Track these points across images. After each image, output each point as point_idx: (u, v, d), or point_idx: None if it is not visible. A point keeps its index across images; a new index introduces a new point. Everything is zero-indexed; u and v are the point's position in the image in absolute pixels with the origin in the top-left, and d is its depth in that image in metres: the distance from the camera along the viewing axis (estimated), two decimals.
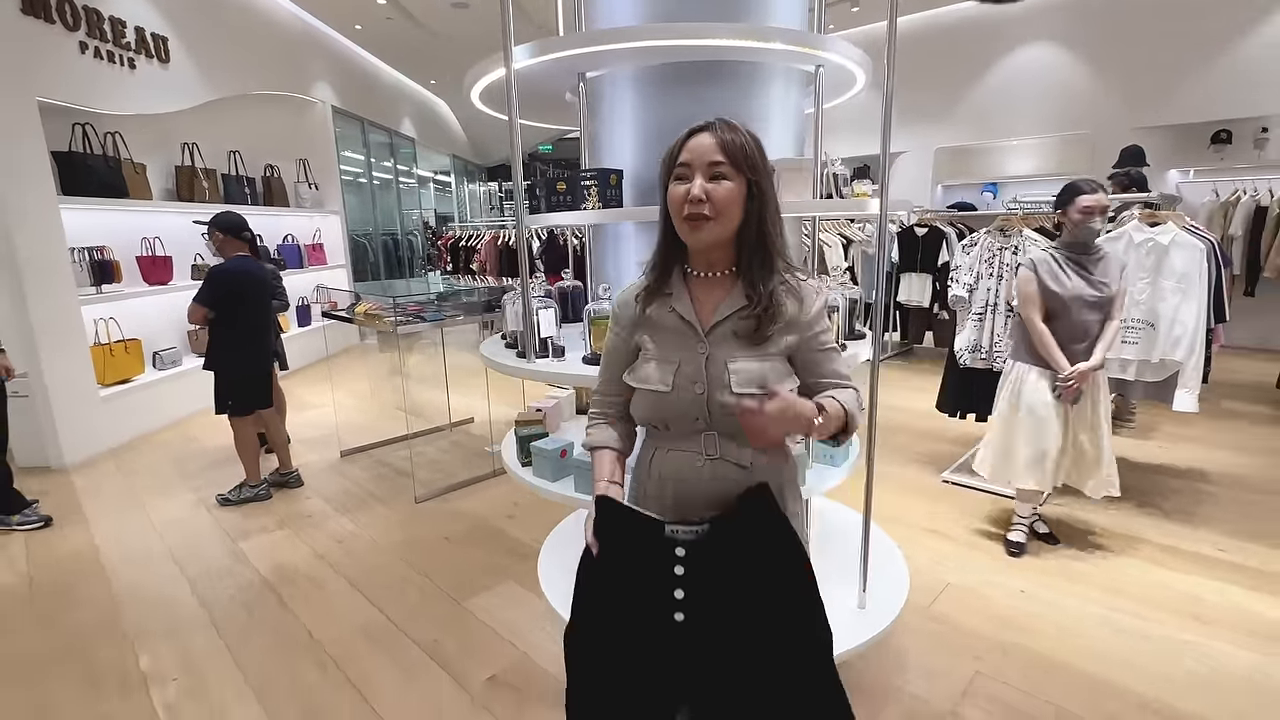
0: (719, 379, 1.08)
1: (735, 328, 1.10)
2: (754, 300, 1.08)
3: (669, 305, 1.14)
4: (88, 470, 4.04)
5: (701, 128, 1.06)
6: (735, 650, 1.08)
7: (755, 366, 1.08)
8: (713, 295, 1.13)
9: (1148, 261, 2.80)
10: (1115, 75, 6.57)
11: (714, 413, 1.09)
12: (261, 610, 2.49)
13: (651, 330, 1.16)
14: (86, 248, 4.51)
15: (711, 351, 1.10)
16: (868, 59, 1.74)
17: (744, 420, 0.98)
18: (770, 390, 0.98)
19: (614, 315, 1.23)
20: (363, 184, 8.91)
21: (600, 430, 1.26)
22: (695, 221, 1.04)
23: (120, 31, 4.66)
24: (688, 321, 1.12)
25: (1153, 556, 2.64)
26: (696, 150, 1.04)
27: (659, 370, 1.11)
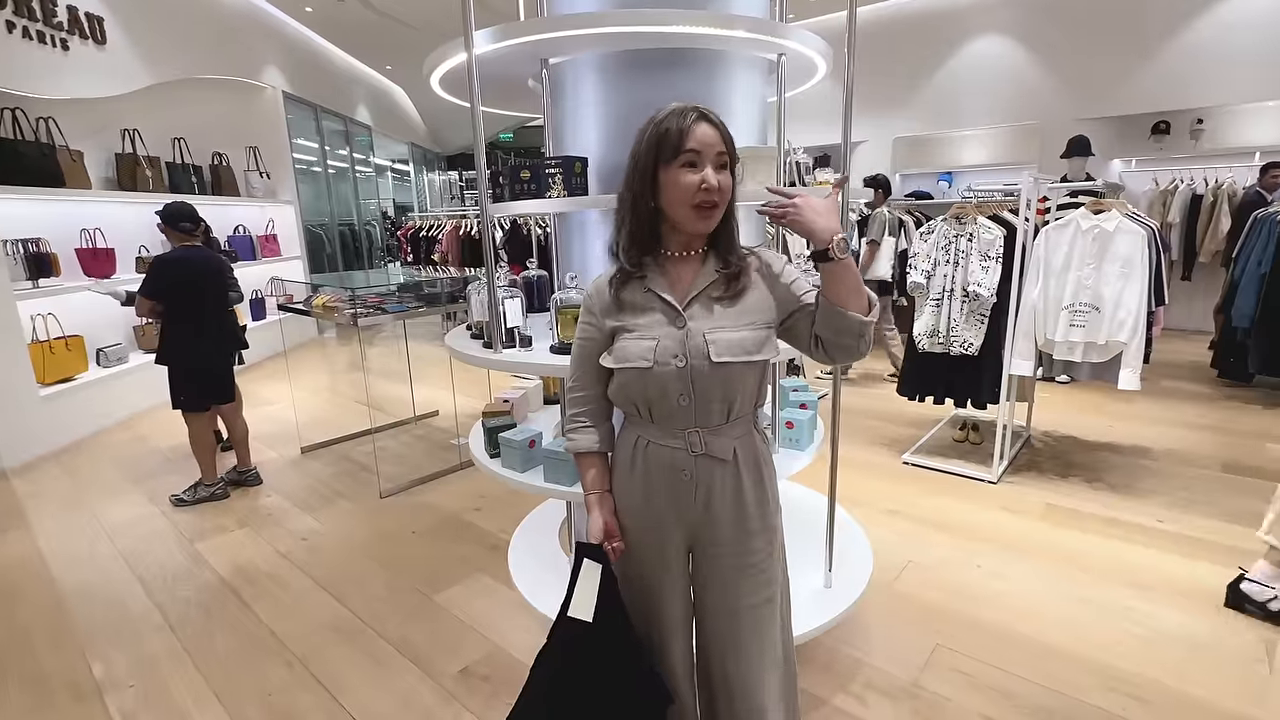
0: (699, 349, 1.11)
1: (711, 296, 1.14)
2: (728, 266, 1.14)
3: (644, 286, 1.16)
4: (28, 474, 3.85)
5: (700, 116, 1.08)
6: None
7: (734, 335, 1.12)
8: (685, 273, 1.17)
9: (1093, 248, 2.92)
10: (1063, 68, 6.78)
11: (697, 385, 1.12)
12: (221, 611, 2.42)
13: (628, 312, 1.17)
14: (21, 240, 4.28)
15: (690, 325, 1.13)
16: (829, 48, 1.76)
17: (788, 220, 1.07)
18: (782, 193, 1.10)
19: (585, 306, 1.24)
20: (317, 173, 8.64)
21: (583, 435, 1.25)
22: (708, 210, 1.09)
23: (51, 10, 4.41)
24: (664, 299, 1.14)
25: (1099, 529, 2.77)
26: (705, 140, 1.07)
27: (639, 347, 1.13)
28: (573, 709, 1.18)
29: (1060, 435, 3.86)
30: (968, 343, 3.25)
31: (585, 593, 1.18)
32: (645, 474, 1.20)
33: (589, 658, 1.17)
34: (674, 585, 1.26)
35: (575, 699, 1.18)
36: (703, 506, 1.19)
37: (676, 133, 1.06)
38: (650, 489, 1.20)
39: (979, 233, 3.15)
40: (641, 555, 1.24)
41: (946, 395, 3.45)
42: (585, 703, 1.18)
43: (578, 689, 1.18)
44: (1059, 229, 2.99)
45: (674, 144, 1.06)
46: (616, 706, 1.18)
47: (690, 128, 1.06)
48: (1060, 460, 3.50)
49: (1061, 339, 3.03)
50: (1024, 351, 3.10)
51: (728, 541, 1.21)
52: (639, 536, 1.23)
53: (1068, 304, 3.01)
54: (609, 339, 1.19)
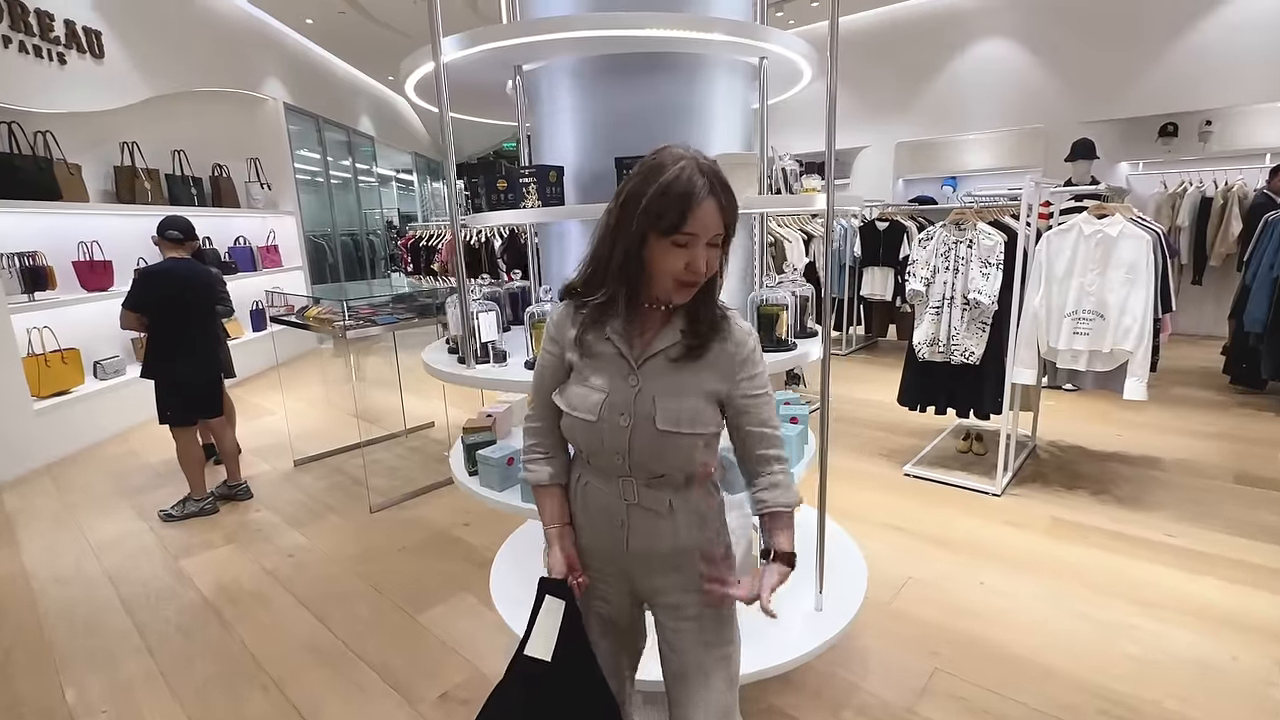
0: (646, 412, 1.05)
1: (670, 356, 1.07)
2: (695, 329, 1.07)
3: (605, 333, 1.10)
4: (20, 488, 3.83)
5: (706, 193, 0.99)
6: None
7: (684, 405, 1.05)
8: (650, 325, 1.10)
9: (1097, 254, 2.83)
10: (1067, 70, 6.70)
11: (635, 448, 1.06)
12: (202, 633, 2.37)
13: (587, 355, 1.11)
14: (16, 253, 4.28)
15: (643, 385, 1.07)
16: (814, 51, 1.70)
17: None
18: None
19: (548, 334, 1.18)
20: (320, 183, 8.66)
21: (539, 467, 1.20)
22: (688, 287, 1.03)
23: (48, 25, 4.42)
24: (621, 352, 1.08)
25: (1104, 544, 2.68)
26: (704, 222, 0.98)
27: (588, 400, 1.08)
28: None
29: (1067, 445, 3.76)
30: (969, 351, 3.17)
31: (545, 630, 1.12)
32: (585, 511, 1.17)
33: (549, 697, 1.11)
34: (618, 628, 1.22)
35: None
36: (638, 557, 1.15)
37: (677, 213, 0.97)
38: (591, 527, 1.17)
39: (979, 239, 3.08)
40: (589, 590, 1.20)
41: (948, 405, 3.37)
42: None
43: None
44: (1061, 234, 2.91)
45: (672, 221, 0.98)
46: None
47: (693, 208, 0.97)
48: (1066, 471, 3.40)
49: (1065, 347, 2.95)
50: (1026, 360, 3.01)
51: (669, 592, 1.15)
52: (586, 571, 1.19)
53: (1070, 311, 2.92)
54: (567, 372, 1.14)
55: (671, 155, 1.00)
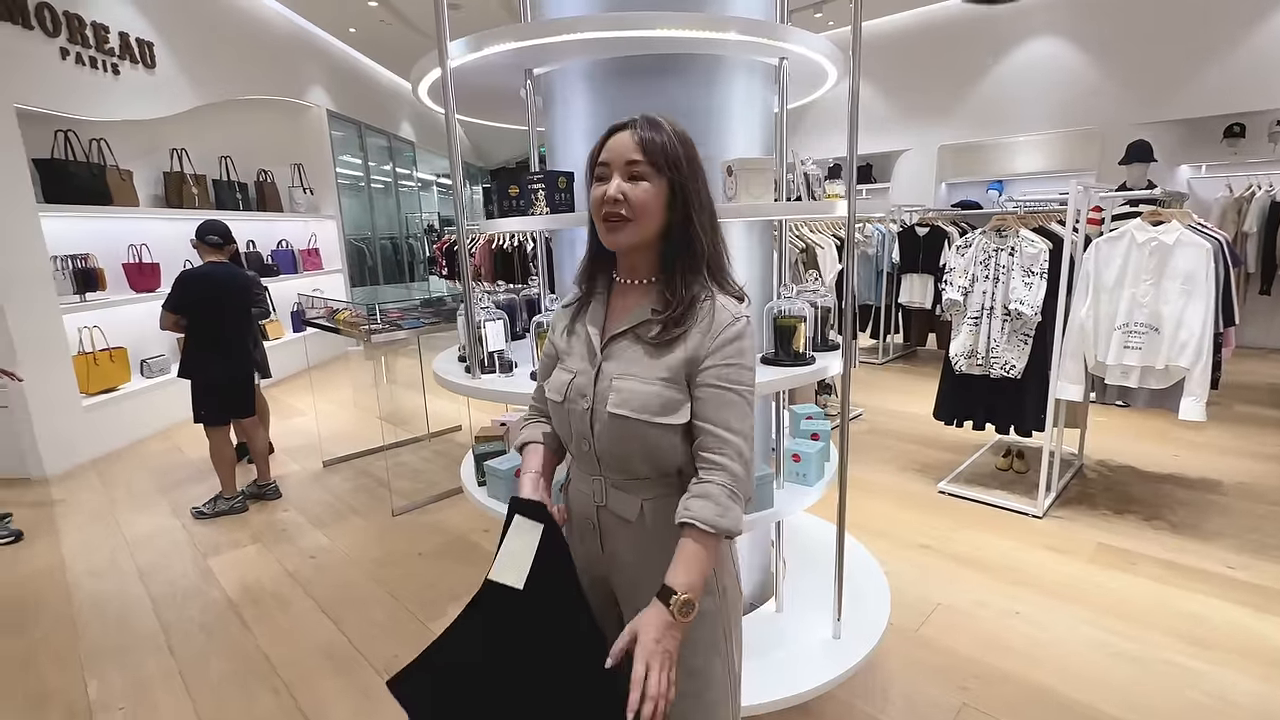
0: (603, 395, 0.99)
1: (639, 335, 1.00)
2: (667, 305, 0.98)
3: (586, 316, 1.08)
4: (67, 482, 3.98)
5: (622, 125, 0.99)
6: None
7: (640, 389, 0.97)
8: (626, 304, 1.05)
9: (1150, 263, 2.65)
10: (1122, 69, 6.38)
11: (596, 435, 1.00)
12: (222, 632, 2.40)
13: (570, 339, 1.10)
14: (69, 256, 4.47)
15: (603, 365, 1.02)
16: (836, 51, 1.62)
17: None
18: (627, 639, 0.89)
19: (551, 323, 1.19)
20: (361, 188, 8.86)
21: (531, 428, 1.18)
22: (612, 222, 0.97)
23: (103, 37, 4.61)
24: (589, 331, 1.05)
25: (1154, 574, 2.50)
26: (615, 149, 0.97)
27: (558, 379, 1.06)
28: (505, 670, 1.02)
29: (1117, 465, 3.54)
30: (1009, 364, 3.01)
31: (517, 555, 0.99)
32: (570, 515, 1.11)
33: (520, 630, 1.00)
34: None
35: (507, 662, 1.02)
36: (608, 565, 1.08)
37: (594, 149, 1.00)
38: (572, 533, 1.12)
39: (1021, 246, 2.92)
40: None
41: (987, 421, 3.21)
42: (520, 666, 1.01)
43: (508, 654, 1.02)
44: (1111, 242, 2.73)
45: (592, 159, 1.00)
46: (556, 671, 0.99)
47: (605, 139, 0.99)
48: (1115, 494, 3.20)
49: (1115, 362, 2.77)
50: (1072, 374, 2.84)
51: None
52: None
53: (1121, 324, 2.74)
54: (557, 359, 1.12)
55: None
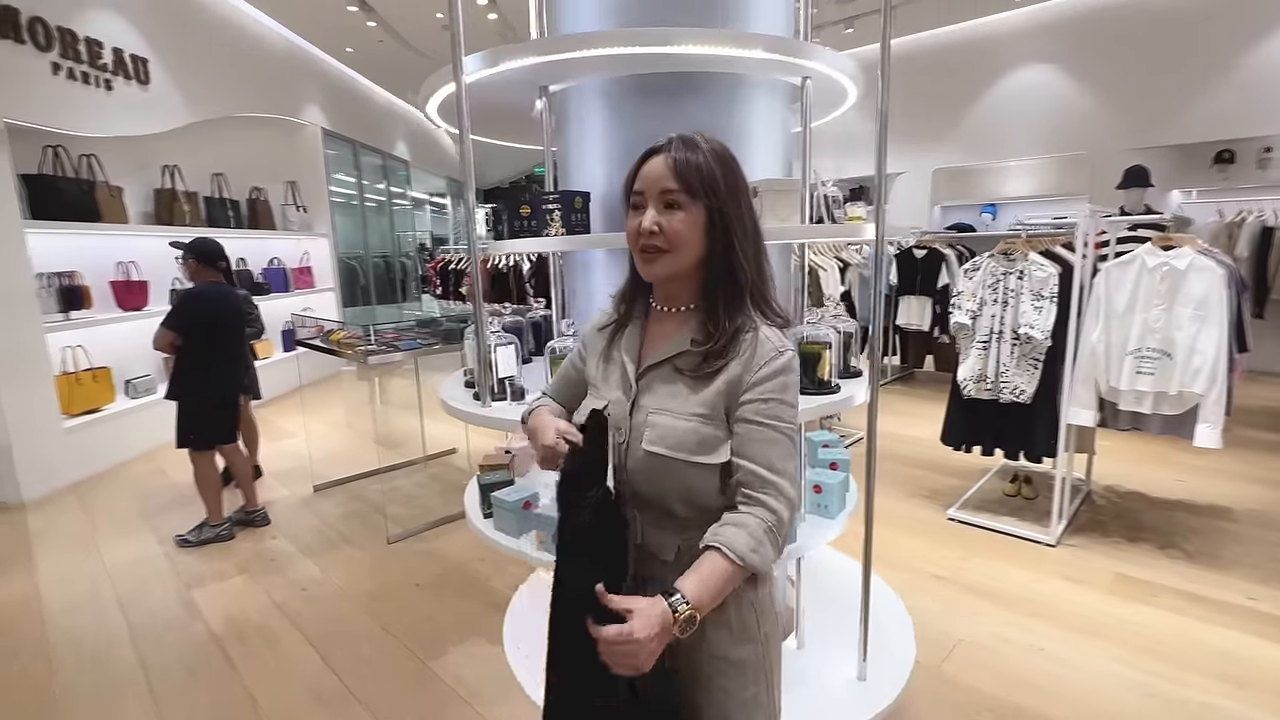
0: (638, 430, 0.93)
1: (678, 366, 0.94)
2: (709, 337, 0.92)
3: (622, 342, 1.02)
4: (45, 507, 3.83)
5: (656, 149, 0.93)
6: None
7: (677, 425, 0.91)
8: (664, 331, 0.99)
9: (1162, 287, 2.63)
10: (1112, 96, 6.47)
11: (632, 470, 0.94)
12: (205, 670, 2.27)
13: (605, 367, 1.04)
14: (55, 273, 4.35)
15: (639, 398, 0.96)
16: (859, 70, 1.59)
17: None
18: (626, 606, 0.82)
19: (582, 339, 1.13)
20: (354, 206, 8.79)
21: (538, 402, 1.17)
22: (648, 254, 0.92)
23: (97, 53, 4.55)
24: (625, 360, 0.99)
25: (1177, 606, 2.43)
26: (649, 177, 0.92)
27: (588, 408, 1.00)
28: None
29: (1125, 491, 3.50)
30: (1019, 389, 2.96)
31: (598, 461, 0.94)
32: None
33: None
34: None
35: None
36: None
37: (630, 173, 0.95)
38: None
39: (1030, 270, 2.90)
40: None
41: (996, 446, 3.15)
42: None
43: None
44: (1122, 266, 2.71)
45: (627, 185, 0.96)
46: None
47: (639, 165, 0.94)
48: (1126, 520, 3.14)
49: (1127, 387, 2.73)
50: (1084, 400, 2.80)
51: (680, 657, 0.95)
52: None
53: (1133, 349, 2.71)
54: (584, 384, 1.09)
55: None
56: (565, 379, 1.15)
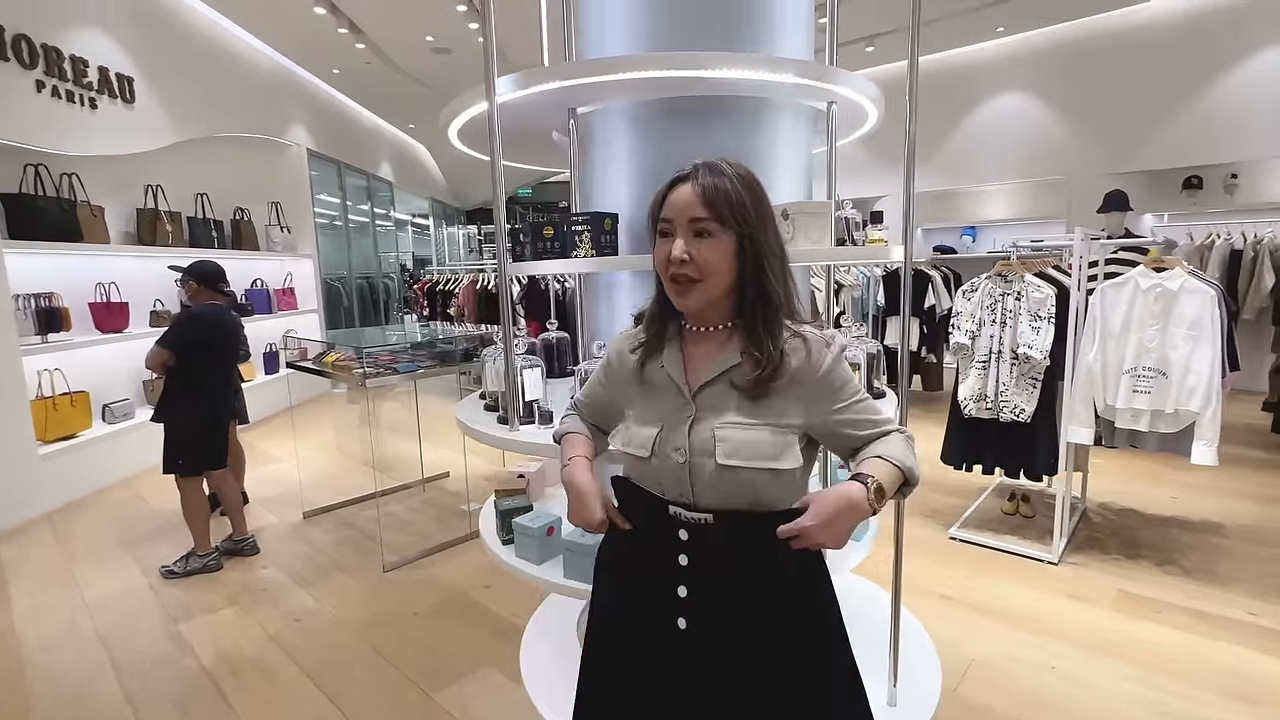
0: (704, 446, 0.93)
1: (730, 384, 0.95)
2: (757, 361, 0.93)
3: (660, 362, 1.02)
4: (19, 538, 3.66)
5: (683, 177, 0.94)
6: (738, 683, 0.96)
7: (750, 435, 0.92)
8: (706, 350, 0.99)
9: (1156, 308, 2.70)
10: (1088, 123, 6.71)
11: (698, 487, 0.94)
12: (198, 707, 2.17)
13: (643, 389, 1.03)
14: (33, 294, 4.22)
15: (698, 415, 0.96)
16: (881, 95, 1.62)
17: (798, 545, 0.91)
18: (802, 503, 0.92)
19: (607, 359, 1.12)
20: (338, 227, 8.71)
21: (571, 420, 1.19)
22: (679, 284, 0.93)
23: (82, 71, 4.47)
24: (674, 380, 0.99)
25: (1181, 622, 2.45)
26: (677, 205, 0.93)
27: (641, 435, 0.99)
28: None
29: (1119, 508, 3.55)
30: (1018, 408, 3.01)
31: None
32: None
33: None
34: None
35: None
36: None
37: (656, 198, 0.97)
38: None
39: (1028, 291, 2.96)
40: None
41: (996, 464, 3.18)
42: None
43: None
44: (1116, 288, 2.78)
45: (653, 212, 0.97)
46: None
47: (670, 192, 0.94)
48: (1124, 538, 3.18)
49: (1124, 406, 2.78)
50: (1082, 418, 2.85)
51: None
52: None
53: (1129, 368, 2.77)
54: (611, 405, 1.12)
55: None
56: (596, 398, 1.16)
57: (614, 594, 1.09)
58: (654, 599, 1.00)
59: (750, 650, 0.96)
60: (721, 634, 0.96)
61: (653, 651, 1.00)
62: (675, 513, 0.96)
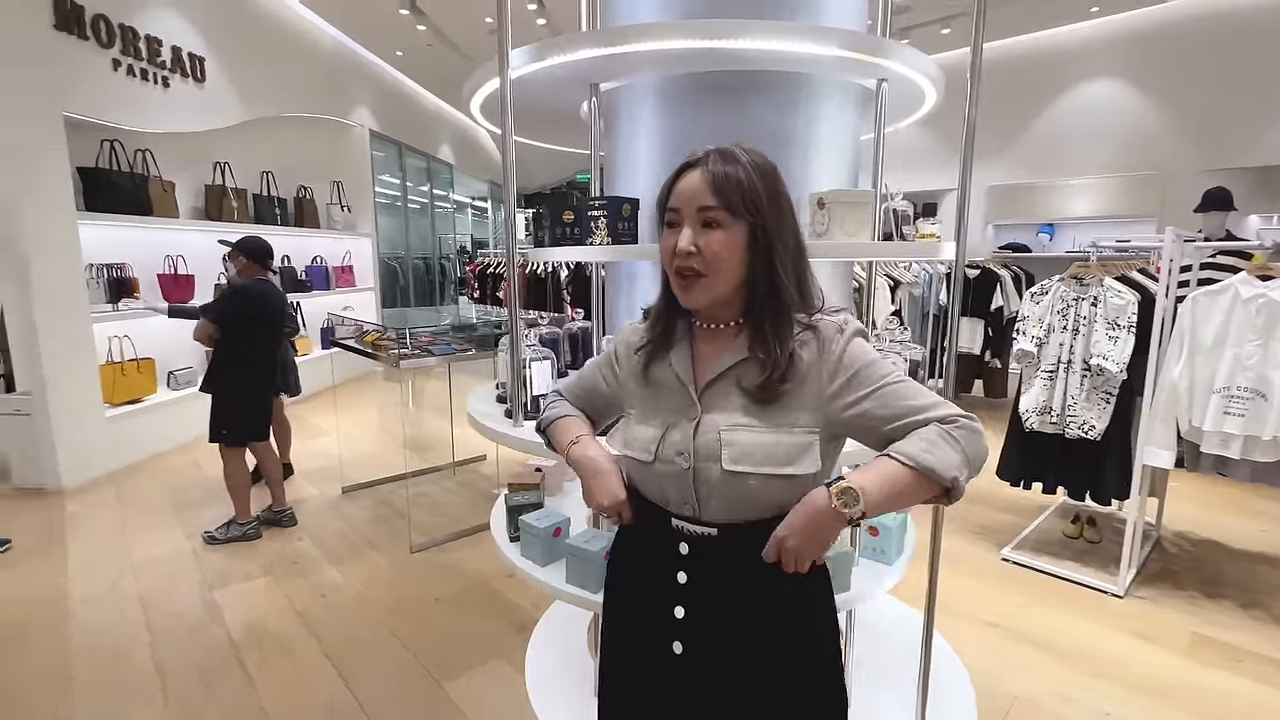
0: (709, 450, 0.85)
1: (737, 383, 0.87)
2: (763, 364, 0.85)
3: (668, 360, 0.94)
4: (83, 495, 3.87)
5: (692, 163, 0.86)
6: (734, 710, 0.90)
7: (759, 439, 0.84)
8: (716, 347, 0.91)
9: (1258, 321, 2.39)
10: (1186, 115, 6.12)
11: (702, 495, 0.87)
12: (221, 680, 2.20)
13: (648, 388, 0.96)
14: (104, 264, 4.44)
15: (703, 416, 0.87)
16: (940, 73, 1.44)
17: (787, 562, 0.84)
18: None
19: (614, 353, 1.04)
20: (398, 207, 8.89)
21: (561, 404, 1.11)
22: (685, 278, 0.86)
23: (156, 50, 4.64)
24: (681, 379, 0.91)
25: (1267, 676, 2.18)
26: (685, 193, 0.85)
27: (643, 435, 0.92)
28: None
29: (1198, 539, 3.22)
30: (1088, 425, 2.74)
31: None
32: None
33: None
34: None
35: None
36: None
37: (664, 188, 0.88)
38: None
39: (1106, 296, 2.68)
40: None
41: (1059, 484, 2.93)
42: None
43: None
44: (1212, 296, 2.48)
45: (661, 201, 0.89)
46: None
47: (678, 179, 0.87)
48: (1202, 573, 2.88)
49: (1212, 428, 2.49)
50: (1163, 440, 2.57)
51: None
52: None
53: (1221, 387, 2.47)
54: (611, 399, 1.05)
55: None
56: (594, 390, 1.08)
57: (615, 614, 1.05)
58: (650, 621, 0.95)
59: (746, 677, 0.90)
60: (718, 659, 0.90)
61: (649, 676, 0.96)
62: (678, 525, 0.90)
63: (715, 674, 0.90)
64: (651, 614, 0.94)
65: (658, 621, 0.93)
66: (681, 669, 0.92)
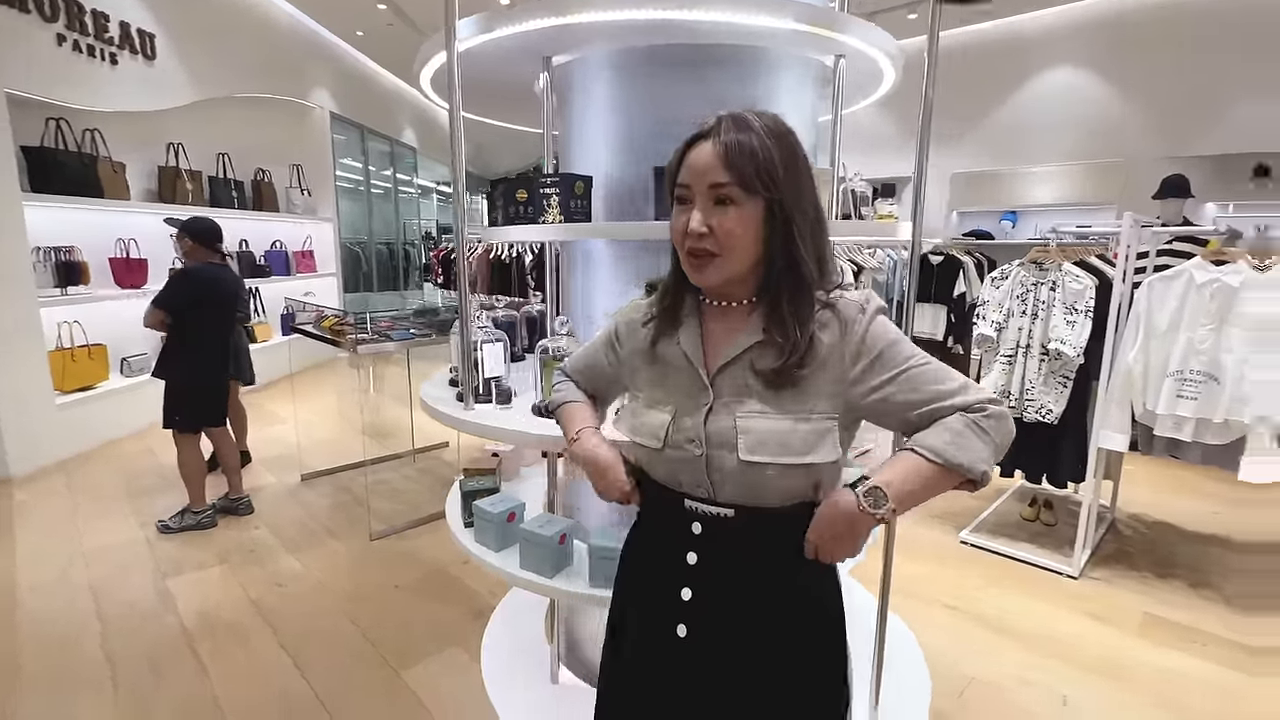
0: (724, 439, 0.81)
1: (754, 364, 0.82)
2: (780, 348, 0.80)
3: (676, 339, 0.89)
4: (32, 483, 3.73)
5: (703, 133, 0.80)
6: (736, 696, 0.87)
7: (777, 426, 0.80)
8: (728, 326, 0.86)
9: (1211, 306, 2.44)
10: (1149, 102, 6.24)
11: (717, 482, 0.83)
12: (171, 668, 2.14)
13: (655, 368, 0.91)
14: (52, 247, 4.25)
15: (716, 401, 0.83)
16: (900, 50, 1.42)
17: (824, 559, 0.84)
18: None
19: (614, 331, 1.00)
20: (360, 192, 8.69)
21: (567, 388, 1.08)
22: (697, 259, 0.80)
23: (103, 25, 4.44)
24: (691, 361, 0.86)
25: (1220, 657, 2.23)
26: (696, 167, 0.79)
27: (651, 421, 0.87)
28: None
29: (1152, 521, 3.31)
30: (1045, 409, 2.79)
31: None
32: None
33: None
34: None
35: None
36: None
37: (674, 161, 0.83)
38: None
39: (1064, 281, 2.71)
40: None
41: (1016, 467, 2.98)
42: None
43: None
44: (1167, 281, 2.52)
45: (671, 175, 0.83)
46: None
47: (688, 152, 0.81)
48: (1155, 554, 2.96)
49: (1166, 411, 2.54)
50: (1118, 424, 2.62)
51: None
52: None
53: (1174, 370, 2.52)
54: (614, 378, 1.02)
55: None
56: (597, 369, 1.05)
57: (623, 593, 1.02)
58: (655, 601, 0.92)
59: (750, 663, 0.87)
60: (723, 643, 0.87)
61: (650, 659, 0.93)
62: (691, 506, 0.86)
63: (719, 659, 0.87)
64: (657, 594, 0.91)
65: (663, 602, 0.90)
66: (684, 653, 0.89)
